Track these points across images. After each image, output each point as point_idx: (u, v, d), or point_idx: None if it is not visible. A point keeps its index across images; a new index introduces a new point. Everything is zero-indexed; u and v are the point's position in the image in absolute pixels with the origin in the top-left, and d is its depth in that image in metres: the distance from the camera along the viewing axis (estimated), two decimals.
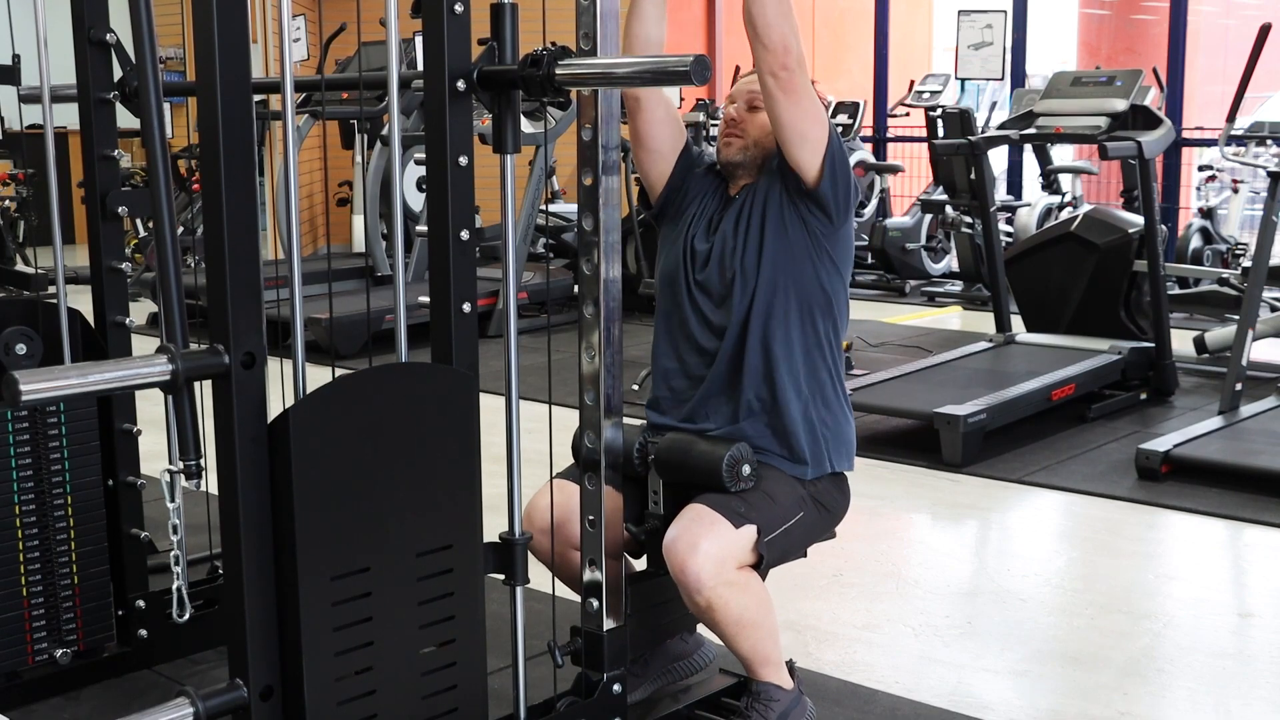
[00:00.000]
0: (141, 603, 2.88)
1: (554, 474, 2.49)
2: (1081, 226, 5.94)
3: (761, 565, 2.37)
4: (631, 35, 2.50)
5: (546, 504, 2.43)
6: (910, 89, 9.24)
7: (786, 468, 2.48)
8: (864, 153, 9.33)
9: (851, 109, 8.69)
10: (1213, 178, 8.31)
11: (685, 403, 2.56)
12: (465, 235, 2.10)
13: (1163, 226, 5.99)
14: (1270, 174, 5.10)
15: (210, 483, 1.96)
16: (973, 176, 6.47)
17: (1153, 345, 5.55)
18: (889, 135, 10.28)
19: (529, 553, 2.29)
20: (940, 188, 8.18)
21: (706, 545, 2.29)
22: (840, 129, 8.23)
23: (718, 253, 2.53)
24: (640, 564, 2.61)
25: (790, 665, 2.52)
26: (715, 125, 8.88)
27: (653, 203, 2.66)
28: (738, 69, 10.15)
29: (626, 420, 2.33)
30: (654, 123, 2.57)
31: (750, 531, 2.34)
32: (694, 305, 2.56)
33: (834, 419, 2.53)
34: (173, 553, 2.20)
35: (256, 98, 2.32)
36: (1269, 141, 5.56)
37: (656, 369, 2.62)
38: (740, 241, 2.51)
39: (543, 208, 7.49)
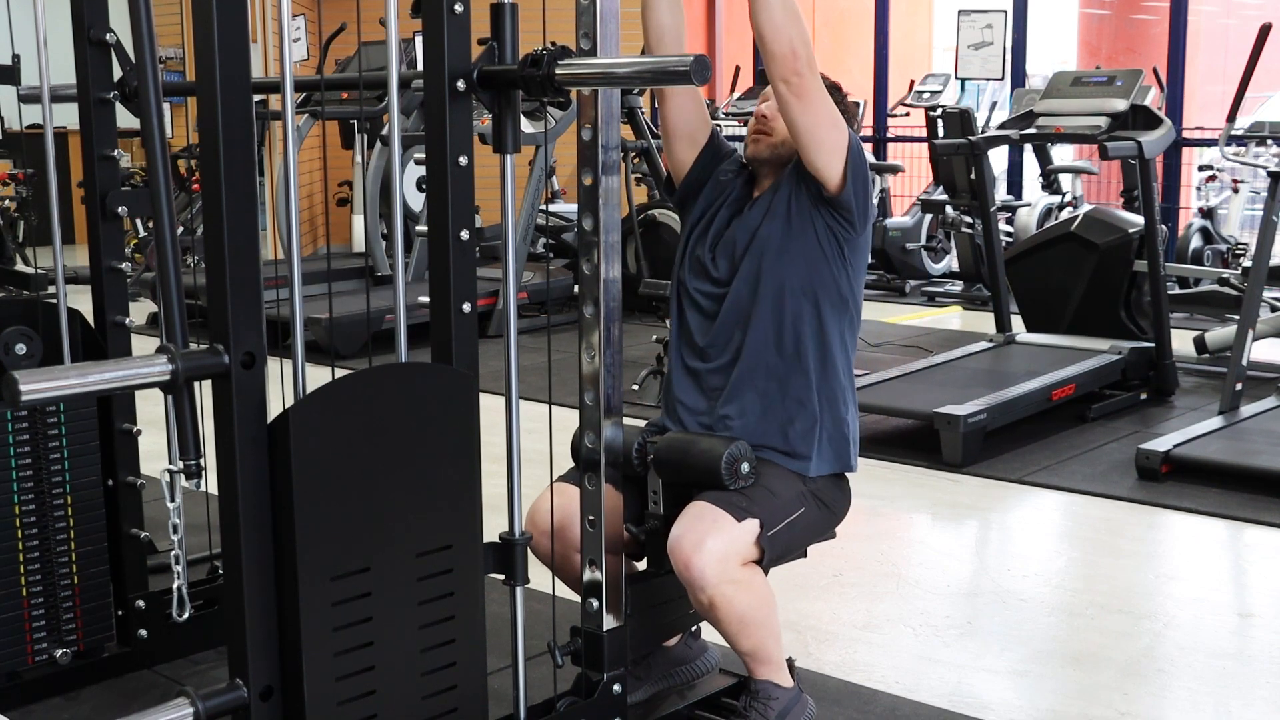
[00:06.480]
0: (141, 603, 2.88)
1: (555, 477, 2.49)
2: (1081, 226, 5.94)
3: (764, 560, 2.37)
4: (647, 25, 2.52)
5: (548, 507, 2.43)
6: (910, 89, 9.24)
7: (787, 464, 2.48)
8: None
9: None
10: (1213, 178, 8.31)
11: (702, 392, 2.56)
12: (465, 235, 2.11)
13: (1163, 226, 5.99)
14: (1270, 174, 5.09)
15: (210, 483, 1.96)
16: (973, 176, 6.46)
17: (1153, 345, 5.54)
18: (889, 135, 10.27)
19: (530, 554, 2.29)
20: (940, 188, 8.17)
21: (711, 543, 2.29)
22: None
23: (741, 248, 2.52)
24: (640, 565, 2.61)
25: (790, 663, 2.52)
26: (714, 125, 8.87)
27: (675, 187, 2.67)
28: (738, 69, 10.16)
29: (626, 420, 2.33)
30: (680, 108, 2.60)
31: (753, 525, 2.34)
32: (705, 298, 2.56)
33: (842, 420, 2.54)
34: (173, 553, 2.20)
35: (256, 98, 2.32)
36: (1269, 141, 5.55)
37: (673, 368, 2.63)
38: (760, 238, 2.50)
39: (543, 208, 7.49)
